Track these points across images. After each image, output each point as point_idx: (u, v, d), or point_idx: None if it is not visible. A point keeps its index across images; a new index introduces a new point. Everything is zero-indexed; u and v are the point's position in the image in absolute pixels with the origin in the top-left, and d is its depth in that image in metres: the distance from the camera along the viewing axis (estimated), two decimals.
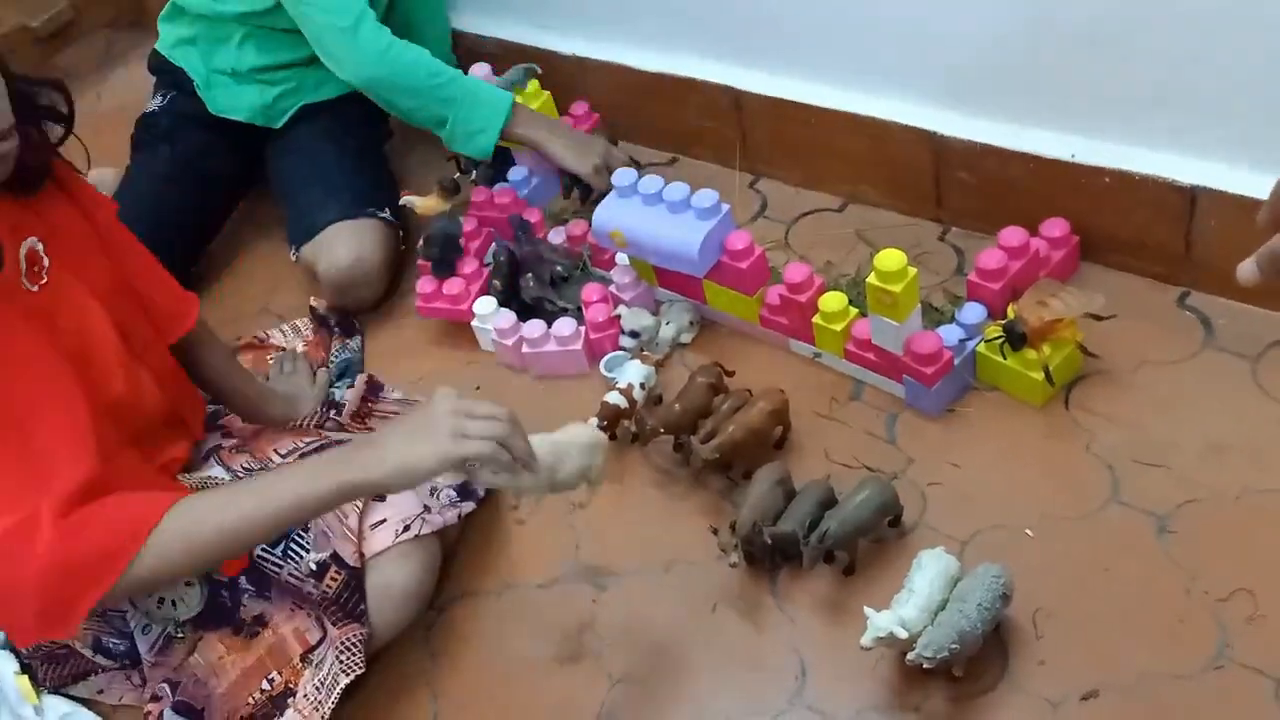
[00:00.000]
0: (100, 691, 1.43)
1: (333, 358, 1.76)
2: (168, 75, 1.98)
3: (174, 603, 1.31)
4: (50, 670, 1.42)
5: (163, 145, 1.97)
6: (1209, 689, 1.12)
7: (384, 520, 1.31)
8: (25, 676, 1.42)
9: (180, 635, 1.32)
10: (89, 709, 1.43)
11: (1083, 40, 1.39)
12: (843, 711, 1.20)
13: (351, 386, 1.62)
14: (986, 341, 1.42)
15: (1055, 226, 1.51)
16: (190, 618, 1.31)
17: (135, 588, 1.08)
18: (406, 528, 1.31)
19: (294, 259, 1.85)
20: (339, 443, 1.46)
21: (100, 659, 1.36)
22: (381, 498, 1.33)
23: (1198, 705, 1.12)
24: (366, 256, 1.79)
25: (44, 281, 1.17)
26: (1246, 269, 0.70)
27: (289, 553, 1.29)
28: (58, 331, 1.16)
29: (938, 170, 1.62)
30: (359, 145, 1.96)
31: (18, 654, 1.44)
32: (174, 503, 1.07)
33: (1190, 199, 1.39)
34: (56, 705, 1.43)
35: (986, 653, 1.18)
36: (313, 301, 1.85)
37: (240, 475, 1.37)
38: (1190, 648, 1.15)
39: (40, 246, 1.18)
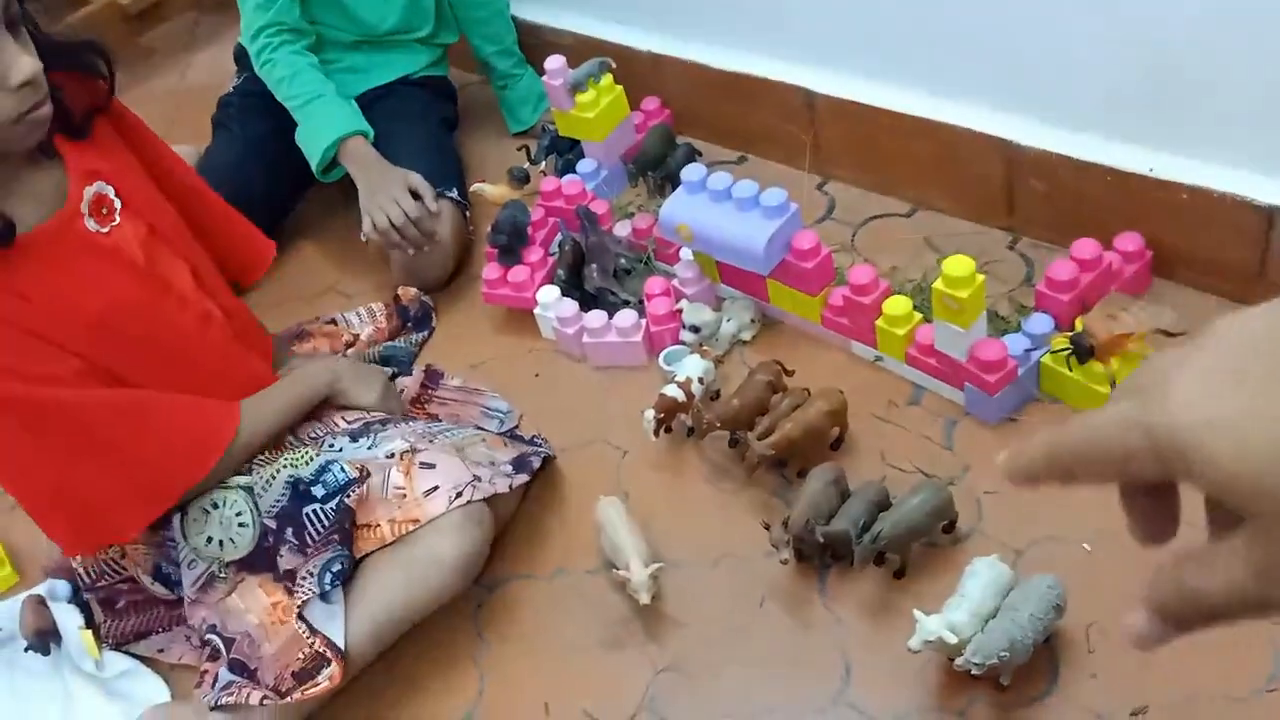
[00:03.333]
0: (160, 650, 1.48)
1: (383, 345, 1.79)
2: (245, 57, 2.03)
3: (221, 543, 1.35)
4: (113, 626, 1.46)
5: (235, 126, 2.03)
6: (1262, 712, 1.10)
7: (436, 487, 1.34)
8: (89, 632, 1.47)
9: (223, 575, 1.37)
10: (148, 667, 1.48)
11: (1166, 56, 1.37)
12: (885, 713, 1.20)
13: (403, 374, 1.65)
14: (1053, 353, 1.41)
15: (1129, 240, 1.49)
16: (235, 559, 1.36)
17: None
18: (459, 494, 1.33)
19: (364, 239, 1.88)
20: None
21: (159, 587, 1.41)
22: (432, 466, 1.36)
23: None
24: (436, 236, 1.81)
25: (115, 223, 1.29)
26: (1139, 626, 0.42)
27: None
28: (130, 270, 1.29)
29: (1011, 179, 1.61)
30: (428, 127, 2.00)
31: (84, 611, 1.49)
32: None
33: (1268, 219, 1.37)
34: (117, 662, 1.48)
35: (1036, 663, 1.17)
36: (399, 290, 1.87)
37: (308, 442, 1.43)
38: (1244, 669, 1.14)
39: (109, 190, 1.29)
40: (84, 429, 1.24)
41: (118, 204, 1.29)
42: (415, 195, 1.79)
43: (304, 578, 1.31)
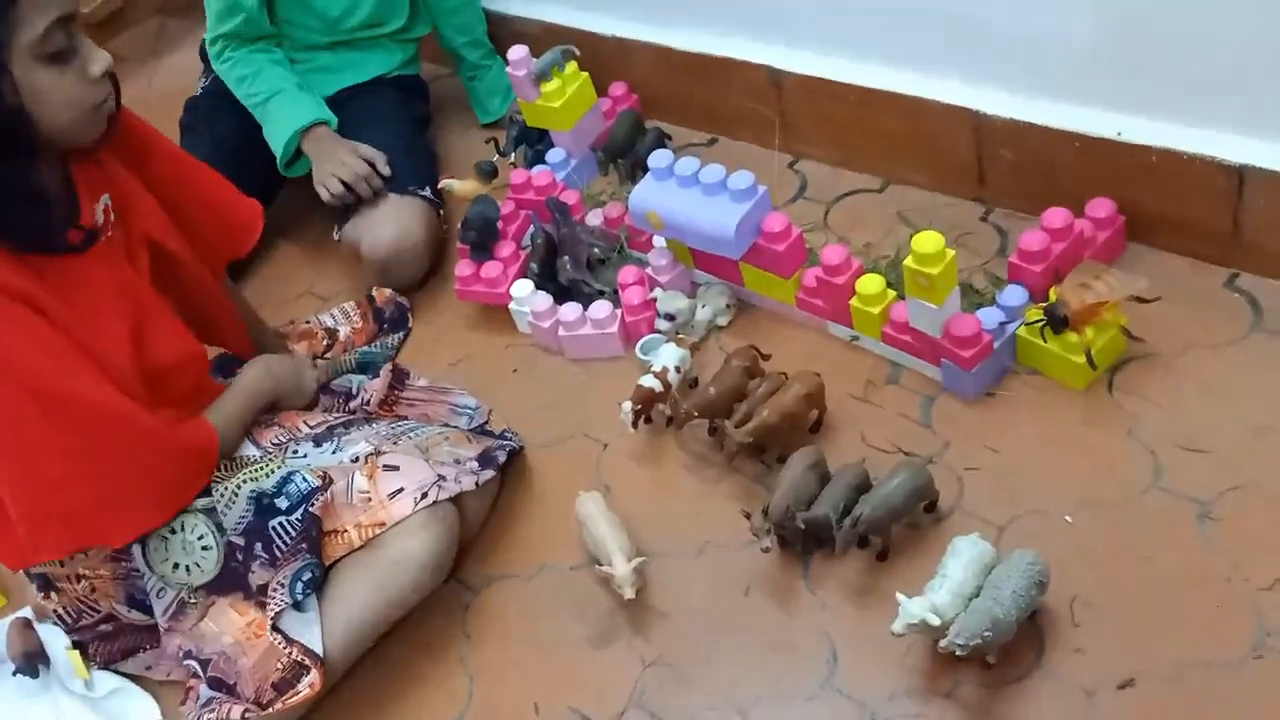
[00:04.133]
0: (148, 668, 1.47)
1: (359, 350, 1.77)
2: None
3: (188, 568, 1.34)
4: (101, 647, 1.45)
5: (203, 128, 2.01)
6: (1249, 678, 1.10)
7: (401, 490, 1.33)
8: (76, 652, 1.46)
9: (193, 601, 1.36)
10: (137, 684, 1.47)
11: (1130, 16, 1.36)
12: (873, 697, 1.20)
13: (376, 377, 1.64)
14: (1027, 324, 1.40)
15: (1100, 206, 1.48)
16: (203, 583, 1.35)
17: None
18: (424, 495, 1.33)
19: (337, 238, 1.87)
20: (365, 416, 1.53)
21: (136, 614, 1.40)
22: (396, 468, 1.35)
23: (1237, 694, 1.09)
24: (409, 234, 1.80)
25: (109, 235, 1.31)
26: None
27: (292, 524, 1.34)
28: (124, 278, 1.31)
29: (980, 149, 1.59)
30: (401, 126, 1.98)
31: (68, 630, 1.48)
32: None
33: (1239, 178, 1.36)
34: (106, 680, 1.47)
35: (1022, 640, 1.17)
36: (373, 291, 1.86)
37: (271, 450, 1.42)
38: (1230, 636, 1.13)
39: (109, 202, 1.31)
40: (98, 430, 1.23)
41: (113, 217, 1.31)
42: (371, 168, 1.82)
43: (274, 589, 1.30)
